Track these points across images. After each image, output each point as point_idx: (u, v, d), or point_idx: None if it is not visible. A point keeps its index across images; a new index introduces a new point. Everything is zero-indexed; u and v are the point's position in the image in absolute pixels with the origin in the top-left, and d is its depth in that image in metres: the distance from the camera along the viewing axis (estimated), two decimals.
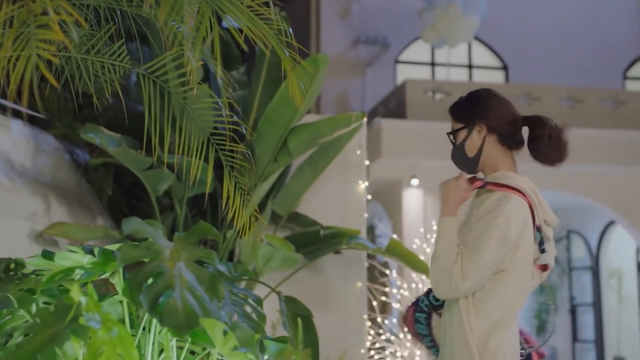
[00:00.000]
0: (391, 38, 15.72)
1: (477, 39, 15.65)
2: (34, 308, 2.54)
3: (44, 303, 2.68)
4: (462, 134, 2.99)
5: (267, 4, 2.95)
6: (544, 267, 2.89)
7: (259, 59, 5.96)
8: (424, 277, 7.79)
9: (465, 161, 3.03)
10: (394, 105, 13.43)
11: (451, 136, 3.04)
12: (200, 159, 3.73)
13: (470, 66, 16.43)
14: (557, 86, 13.86)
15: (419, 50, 15.89)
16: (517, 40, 16.07)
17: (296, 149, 5.43)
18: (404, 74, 15.32)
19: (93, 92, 3.67)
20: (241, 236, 3.85)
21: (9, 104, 4.47)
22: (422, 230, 10.59)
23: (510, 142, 2.95)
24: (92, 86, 3.63)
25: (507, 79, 16.27)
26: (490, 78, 16.16)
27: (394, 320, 9.00)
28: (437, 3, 13.60)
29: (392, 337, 8.34)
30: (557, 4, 16.23)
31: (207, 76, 5.79)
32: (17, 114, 5.16)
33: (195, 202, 5.82)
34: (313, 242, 5.79)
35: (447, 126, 3.07)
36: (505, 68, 16.43)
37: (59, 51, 2.85)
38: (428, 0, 13.76)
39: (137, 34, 4.34)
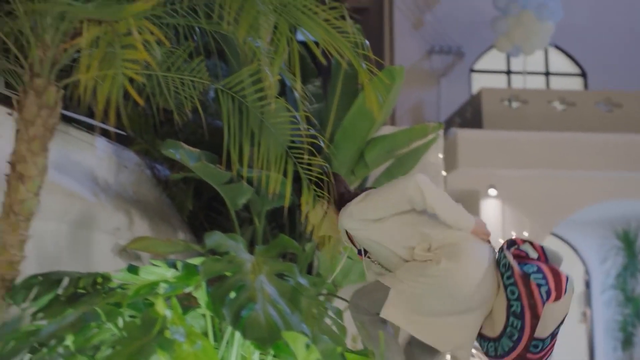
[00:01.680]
0: (465, 47, 15.57)
1: (553, 45, 15.36)
2: (120, 321, 2.60)
3: (130, 316, 2.74)
4: None
5: (342, 17, 2.96)
6: None
7: (335, 71, 5.98)
8: None
9: None
10: (470, 115, 13.28)
11: None
12: (278, 172, 3.76)
13: (547, 73, 16.13)
14: (639, 92, 13.49)
15: (494, 59, 15.69)
16: (595, 45, 15.71)
17: (373, 161, 5.43)
18: (479, 83, 15.14)
19: (174, 109, 3.74)
20: (320, 249, 3.86)
21: (96, 122, 4.60)
22: (500, 240, 10.42)
23: None
24: (172, 103, 3.70)
25: (585, 85, 15.92)
26: (568, 85, 15.84)
27: None
28: (510, 10, 13.41)
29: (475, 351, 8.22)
30: (636, 6, 15.81)
31: (284, 90, 5.84)
32: (94, 130, 5.29)
33: (273, 215, 5.87)
34: None
35: (525, 135, 3.06)
36: (583, 74, 16.07)
37: (142, 70, 2.91)
38: (501, 8, 13.58)
39: (215, 50, 4.41)
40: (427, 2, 15.31)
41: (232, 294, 2.46)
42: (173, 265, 2.92)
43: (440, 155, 6.66)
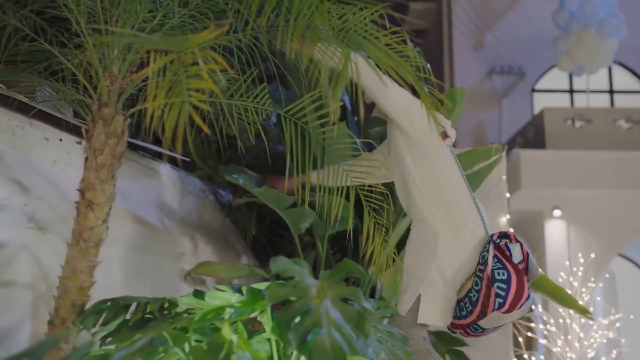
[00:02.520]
0: (526, 67, 15.43)
1: (617, 62, 15.11)
2: (187, 346, 2.63)
3: (196, 341, 2.77)
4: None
5: (404, 42, 2.97)
6: None
7: None
8: (571, 311, 7.51)
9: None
10: (532, 135, 13.14)
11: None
12: (340, 197, 3.78)
13: (611, 91, 15.86)
14: None
15: (556, 78, 15.51)
16: None
17: None
18: (541, 102, 14.98)
19: (237, 134, 3.79)
20: (381, 275, 3.87)
21: (161, 149, 4.68)
22: (567, 263, 10.24)
23: None
24: (235, 128, 3.75)
25: None
26: (633, 102, 15.54)
27: (541, 357, 8.73)
28: (570, 29, 13.25)
29: None
30: None
31: (344, 114, 5.86)
32: (161, 156, 5.39)
33: (336, 239, 5.87)
34: None
35: (589, 154, 3.04)
36: None
37: (206, 97, 2.97)
38: (562, 26, 13.43)
39: (275, 74, 4.47)
40: (487, 23, 15.23)
41: (297, 319, 2.47)
42: (238, 290, 2.95)
43: (504, 177, 6.60)
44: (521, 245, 3.66)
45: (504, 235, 3.68)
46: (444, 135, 3.75)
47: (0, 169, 3.17)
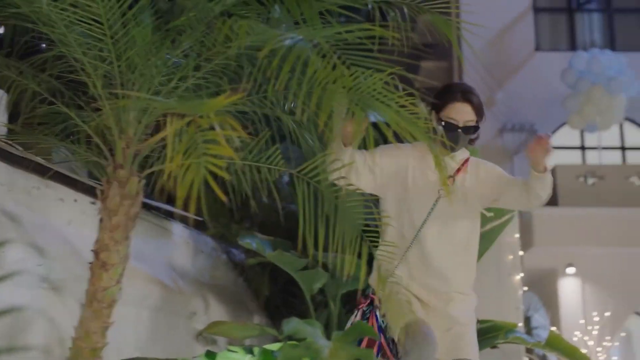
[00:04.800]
0: (538, 124, 15.49)
1: (629, 119, 15.16)
2: None
3: None
4: (475, 129, 3.67)
5: (414, 104, 2.99)
6: None
7: None
8: None
9: (464, 145, 3.72)
10: None
11: (472, 127, 3.65)
12: (353, 255, 3.77)
13: (623, 148, 15.88)
14: None
15: (567, 135, 15.56)
16: None
17: None
18: (553, 159, 14.98)
19: (250, 195, 3.81)
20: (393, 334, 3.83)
21: (173, 209, 4.71)
22: (582, 321, 10.14)
23: None
24: (248, 188, 3.77)
25: None
26: None
27: None
28: (579, 87, 13.34)
29: None
30: None
31: None
32: (173, 215, 5.41)
33: (348, 298, 5.85)
34: None
35: (603, 211, 3.09)
36: None
37: (221, 159, 3.00)
38: (571, 85, 13.53)
39: (287, 133, 4.51)
40: (498, 81, 15.35)
41: None
42: (250, 350, 2.94)
43: (517, 235, 6.58)
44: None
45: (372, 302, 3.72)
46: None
47: (16, 230, 3.19)
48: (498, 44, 15.49)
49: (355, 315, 3.65)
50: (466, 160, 3.76)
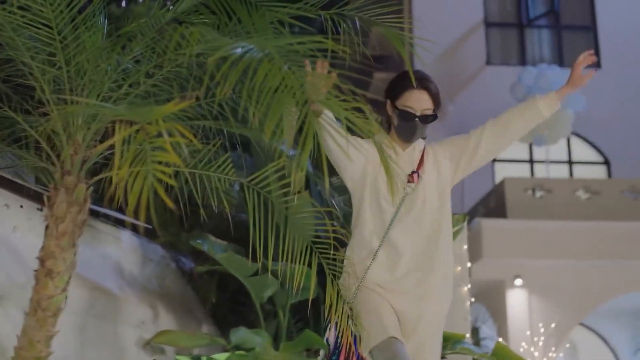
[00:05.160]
0: None
1: (576, 134, 15.45)
2: None
3: None
4: (433, 117, 3.44)
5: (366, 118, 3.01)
6: None
7: None
8: None
9: (421, 136, 3.51)
10: (494, 204, 13.28)
11: (430, 115, 3.42)
12: (303, 265, 3.77)
13: (570, 162, 16.17)
14: None
15: (516, 148, 15.78)
16: (618, 133, 15.77)
17: None
18: (502, 172, 15.19)
19: (200, 203, 3.79)
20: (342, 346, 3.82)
21: (122, 216, 4.66)
22: (528, 332, 10.27)
23: None
24: (198, 197, 3.75)
25: (609, 174, 15.91)
26: (591, 173, 15.84)
27: None
28: None
29: None
30: None
31: (308, 184, 5.90)
32: (123, 224, 5.35)
33: (298, 309, 5.84)
34: None
35: (550, 224, 3.12)
36: (607, 162, 16.09)
37: (170, 166, 2.98)
38: (520, 99, 13.73)
39: (239, 142, 4.49)
40: (449, 94, 15.51)
41: None
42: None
43: (465, 247, 6.65)
44: None
45: None
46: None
47: None
48: (450, 57, 15.66)
49: (329, 329, 3.54)
50: (424, 151, 3.57)
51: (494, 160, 15.81)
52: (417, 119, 3.37)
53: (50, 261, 2.93)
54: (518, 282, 11.60)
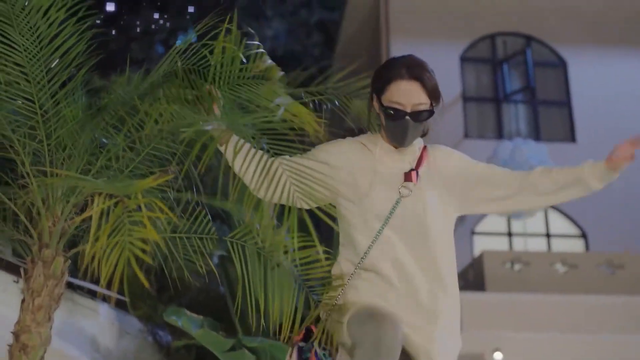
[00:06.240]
0: None
1: (553, 207, 15.59)
2: None
3: None
4: (429, 114, 2.75)
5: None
6: None
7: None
8: None
9: (418, 136, 2.84)
10: (472, 277, 13.29)
11: (425, 111, 2.73)
12: (284, 341, 3.75)
13: (548, 235, 16.27)
14: None
15: (494, 221, 15.88)
16: (594, 207, 15.90)
17: None
18: (480, 245, 15.25)
19: (175, 276, 3.78)
20: None
21: (99, 289, 4.64)
22: None
23: None
24: (174, 270, 3.75)
25: (587, 247, 16.01)
26: (569, 246, 15.93)
27: None
28: None
29: None
30: (632, 167, 16.10)
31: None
32: (102, 298, 5.32)
33: None
34: None
35: (528, 297, 3.03)
36: (584, 235, 16.21)
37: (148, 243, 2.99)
38: None
39: (218, 212, 4.50)
40: None
41: None
42: None
43: None
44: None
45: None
46: None
47: None
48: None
49: (290, 355, 2.84)
50: (423, 149, 2.90)
51: (472, 233, 15.89)
52: (407, 117, 2.69)
53: (25, 335, 2.91)
54: (498, 355, 11.53)
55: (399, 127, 2.70)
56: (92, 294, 5.01)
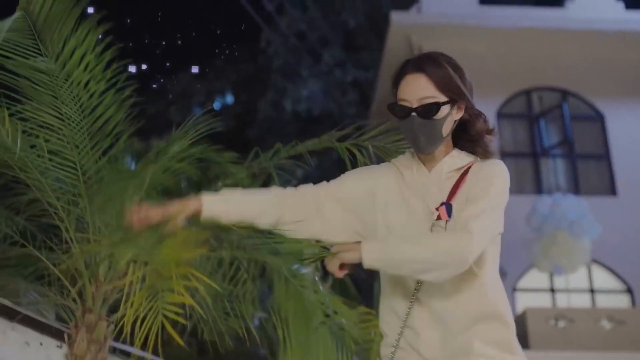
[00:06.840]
0: (507, 267, 15.60)
1: (596, 261, 15.34)
2: None
3: None
4: (446, 110, 2.40)
5: None
6: None
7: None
8: None
9: (436, 139, 2.43)
10: (517, 335, 13.08)
11: (432, 104, 2.38)
12: None
13: (592, 290, 15.98)
14: None
15: (537, 276, 15.65)
16: (637, 260, 15.64)
17: None
18: (523, 302, 15.02)
19: (216, 338, 3.80)
20: None
21: (144, 354, 4.66)
22: None
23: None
24: (215, 333, 3.77)
25: (633, 302, 15.67)
26: (614, 302, 15.61)
27: None
28: (544, 231, 13.57)
29: None
30: None
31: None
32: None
33: None
34: None
35: (573, 355, 2.96)
36: (629, 290, 15.88)
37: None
38: (535, 228, 13.76)
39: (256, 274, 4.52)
40: None
41: None
42: None
43: None
44: None
45: None
46: None
47: None
48: None
49: None
50: (467, 169, 2.55)
51: (514, 290, 15.66)
52: (413, 114, 2.37)
53: None
54: None
55: (407, 126, 2.40)
56: (127, 355, 5.03)
